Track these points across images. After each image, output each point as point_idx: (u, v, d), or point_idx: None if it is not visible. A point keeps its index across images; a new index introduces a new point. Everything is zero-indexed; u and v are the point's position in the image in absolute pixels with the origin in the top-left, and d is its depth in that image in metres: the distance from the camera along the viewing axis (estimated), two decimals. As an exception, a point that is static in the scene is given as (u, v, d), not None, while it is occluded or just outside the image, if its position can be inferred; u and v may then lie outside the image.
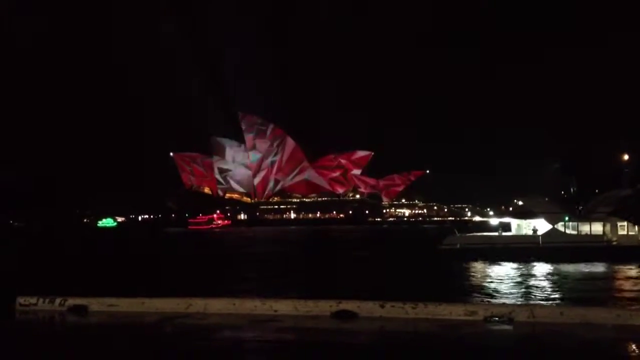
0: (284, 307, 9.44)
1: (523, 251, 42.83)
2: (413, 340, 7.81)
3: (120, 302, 10.08)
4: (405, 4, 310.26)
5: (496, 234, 46.97)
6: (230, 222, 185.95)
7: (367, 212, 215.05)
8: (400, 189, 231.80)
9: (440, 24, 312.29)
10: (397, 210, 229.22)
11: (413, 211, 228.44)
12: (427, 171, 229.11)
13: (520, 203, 56.53)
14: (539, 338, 7.70)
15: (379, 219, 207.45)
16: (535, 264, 38.63)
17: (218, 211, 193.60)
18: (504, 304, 8.69)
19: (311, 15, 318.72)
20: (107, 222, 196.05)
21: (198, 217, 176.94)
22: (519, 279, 30.04)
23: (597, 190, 54.11)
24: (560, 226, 46.13)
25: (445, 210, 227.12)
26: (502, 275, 32.05)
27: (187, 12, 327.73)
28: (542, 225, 46.41)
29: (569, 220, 46.79)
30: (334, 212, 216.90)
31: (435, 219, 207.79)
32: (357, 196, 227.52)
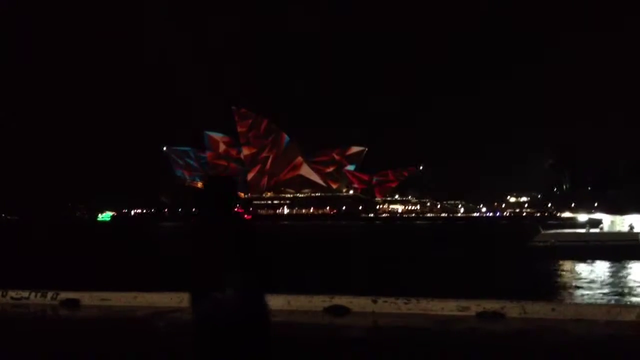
0: (276, 302, 9.43)
1: (621, 249, 40.10)
2: (405, 335, 7.84)
3: (112, 296, 10.06)
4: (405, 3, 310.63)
5: (583, 230, 44.44)
6: (251, 216, 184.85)
7: (360, 207, 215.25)
8: (394, 185, 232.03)
9: (441, 21, 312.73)
10: (391, 206, 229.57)
11: (406, 207, 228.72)
12: (421, 167, 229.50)
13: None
14: (530, 334, 7.75)
15: (372, 215, 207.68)
16: (633, 262, 36.43)
17: (239, 205, 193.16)
18: (496, 300, 8.70)
19: (309, 7, 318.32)
20: (105, 217, 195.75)
21: None
22: (623, 279, 29.34)
23: (589, 188, 54.17)
24: None
25: (439, 206, 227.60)
26: (603, 275, 31.12)
27: (184, 6, 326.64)
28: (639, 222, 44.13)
29: None
30: (327, 208, 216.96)
31: (429, 215, 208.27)
32: (351, 192, 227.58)
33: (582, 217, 47.96)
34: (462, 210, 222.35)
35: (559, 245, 41.34)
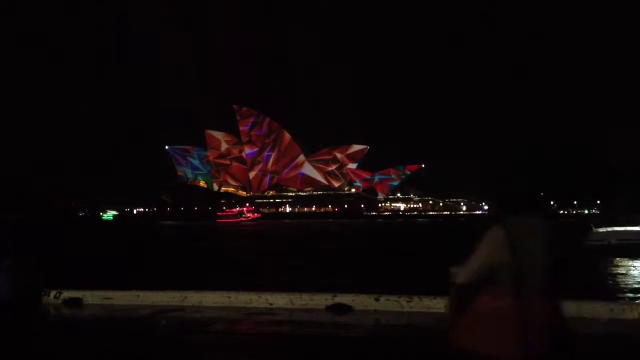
0: (279, 300, 9.46)
1: None
2: (407, 333, 7.83)
3: (114, 295, 10.09)
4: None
5: (638, 228, 42.61)
6: (260, 214, 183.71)
7: (362, 206, 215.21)
8: (396, 182, 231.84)
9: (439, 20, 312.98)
10: (393, 204, 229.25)
11: (408, 205, 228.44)
12: (422, 165, 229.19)
13: None
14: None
15: (374, 213, 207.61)
16: None
17: (247, 204, 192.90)
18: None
19: (311, 5, 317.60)
20: (109, 216, 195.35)
21: (227, 210, 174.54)
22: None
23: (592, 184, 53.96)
24: None
25: (441, 204, 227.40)
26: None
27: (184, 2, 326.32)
28: None
29: None
30: (330, 206, 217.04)
31: (431, 213, 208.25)
32: (353, 190, 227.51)
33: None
34: (464, 207, 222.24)
35: (617, 244, 39.42)
